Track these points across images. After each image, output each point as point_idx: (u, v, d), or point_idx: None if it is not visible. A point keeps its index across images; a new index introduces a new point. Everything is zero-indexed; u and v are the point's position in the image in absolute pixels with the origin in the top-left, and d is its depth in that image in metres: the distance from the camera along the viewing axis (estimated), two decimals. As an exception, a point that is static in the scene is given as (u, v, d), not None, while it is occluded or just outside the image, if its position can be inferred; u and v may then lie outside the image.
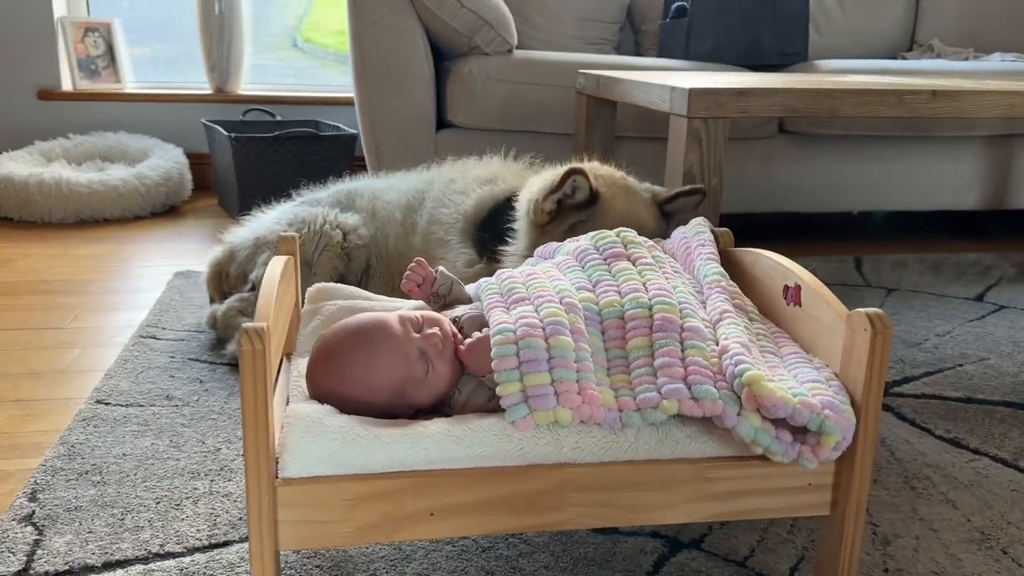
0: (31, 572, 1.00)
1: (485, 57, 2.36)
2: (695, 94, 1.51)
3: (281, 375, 1.10)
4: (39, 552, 1.04)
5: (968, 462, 1.35)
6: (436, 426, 0.88)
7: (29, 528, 1.09)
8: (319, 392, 0.95)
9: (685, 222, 1.24)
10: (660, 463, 0.90)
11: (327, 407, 0.90)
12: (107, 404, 1.45)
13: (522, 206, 1.45)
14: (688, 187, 1.45)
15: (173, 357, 1.65)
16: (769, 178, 2.61)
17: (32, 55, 3.11)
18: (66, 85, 3.18)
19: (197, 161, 3.14)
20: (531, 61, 2.40)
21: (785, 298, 1.06)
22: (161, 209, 2.91)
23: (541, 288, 0.99)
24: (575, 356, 0.90)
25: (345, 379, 0.93)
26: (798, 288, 1.03)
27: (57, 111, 3.16)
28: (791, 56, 2.70)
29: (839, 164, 2.64)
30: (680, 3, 2.71)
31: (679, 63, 2.59)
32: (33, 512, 1.12)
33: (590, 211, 1.38)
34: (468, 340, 0.95)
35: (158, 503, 1.16)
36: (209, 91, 3.32)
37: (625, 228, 1.14)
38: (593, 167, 1.45)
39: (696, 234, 1.20)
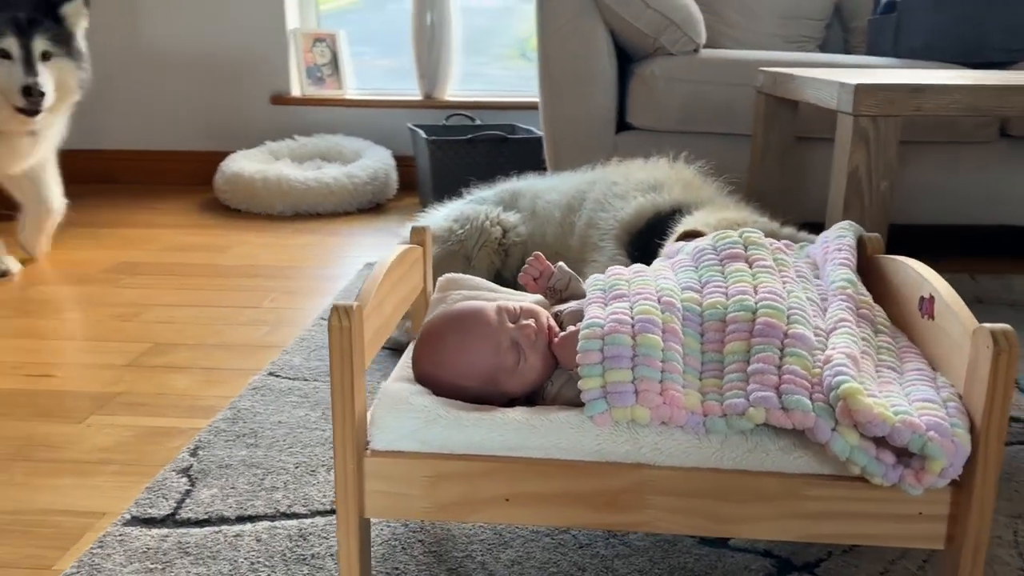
0: (177, 517, 1.13)
1: (669, 57, 2.33)
2: (861, 90, 1.40)
3: (404, 355, 1.16)
4: (187, 501, 1.17)
5: None
6: (515, 414, 0.89)
7: (184, 479, 1.22)
8: (419, 374, 0.99)
9: None
10: (748, 474, 0.86)
11: (418, 387, 0.95)
12: (277, 376, 1.59)
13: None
14: None
15: (344, 340, 1.78)
16: (986, 187, 2.36)
17: (267, 64, 3.46)
18: (295, 91, 3.51)
19: (404, 163, 3.35)
20: (714, 60, 2.33)
21: (920, 310, 0.97)
22: (368, 206, 3.13)
23: (642, 285, 0.97)
24: (662, 355, 0.88)
25: (439, 362, 0.97)
26: (932, 300, 0.94)
27: (286, 115, 3.49)
28: (1021, 53, 2.42)
29: (1074, 173, 2.33)
30: (891, -3, 2.52)
31: (882, 61, 2.41)
32: (191, 466, 1.26)
33: None
34: (562, 334, 0.96)
35: (296, 468, 1.26)
36: (419, 97, 3.52)
37: (749, 228, 1.09)
38: (734, 217, 1.39)
39: (836, 238, 1.12)
